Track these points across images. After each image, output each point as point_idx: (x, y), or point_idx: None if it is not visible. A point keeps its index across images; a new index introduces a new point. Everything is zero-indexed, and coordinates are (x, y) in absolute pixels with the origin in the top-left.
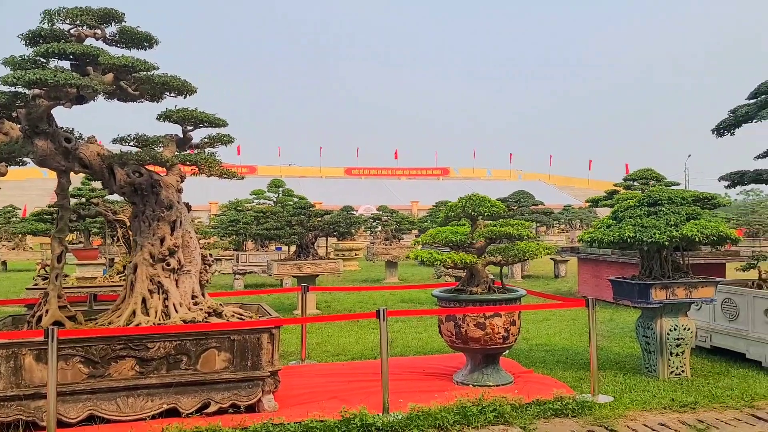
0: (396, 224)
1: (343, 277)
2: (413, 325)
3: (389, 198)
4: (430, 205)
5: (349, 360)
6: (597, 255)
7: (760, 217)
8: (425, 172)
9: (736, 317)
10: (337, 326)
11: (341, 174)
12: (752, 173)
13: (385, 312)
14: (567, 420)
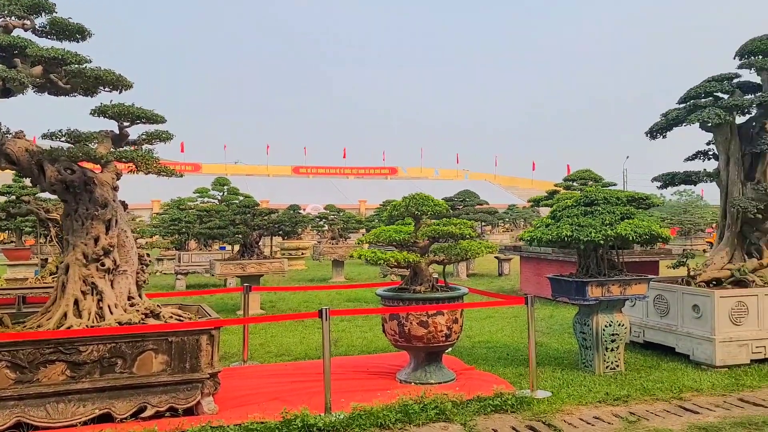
0: (343, 223)
1: (288, 277)
2: (359, 325)
3: (337, 197)
4: (378, 204)
5: (293, 360)
6: (538, 253)
7: (692, 216)
8: (373, 171)
9: (667, 313)
10: (281, 326)
11: (289, 173)
12: (682, 174)
13: (327, 312)
14: (506, 415)
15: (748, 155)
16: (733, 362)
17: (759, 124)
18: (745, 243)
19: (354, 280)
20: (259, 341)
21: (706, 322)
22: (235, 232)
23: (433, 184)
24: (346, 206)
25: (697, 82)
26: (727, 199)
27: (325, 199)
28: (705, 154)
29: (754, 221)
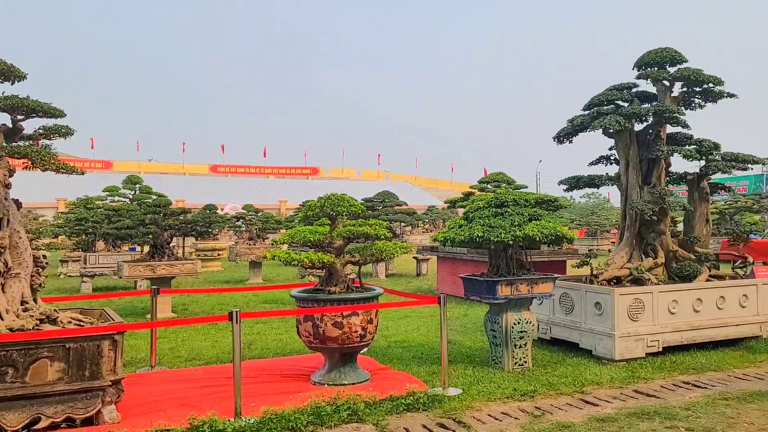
0: (261, 223)
1: (203, 279)
2: (275, 327)
3: (257, 197)
4: (298, 205)
5: (204, 365)
6: (454, 254)
7: (598, 218)
8: (294, 171)
9: (572, 310)
10: (193, 330)
11: (206, 171)
12: (586, 178)
13: (237, 314)
14: (418, 414)
15: (645, 160)
16: (630, 356)
17: (655, 132)
18: (643, 243)
19: (272, 281)
20: (169, 346)
21: (606, 319)
22: (144, 232)
23: (354, 185)
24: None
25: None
26: (627, 201)
27: (244, 198)
28: (607, 159)
29: (651, 223)
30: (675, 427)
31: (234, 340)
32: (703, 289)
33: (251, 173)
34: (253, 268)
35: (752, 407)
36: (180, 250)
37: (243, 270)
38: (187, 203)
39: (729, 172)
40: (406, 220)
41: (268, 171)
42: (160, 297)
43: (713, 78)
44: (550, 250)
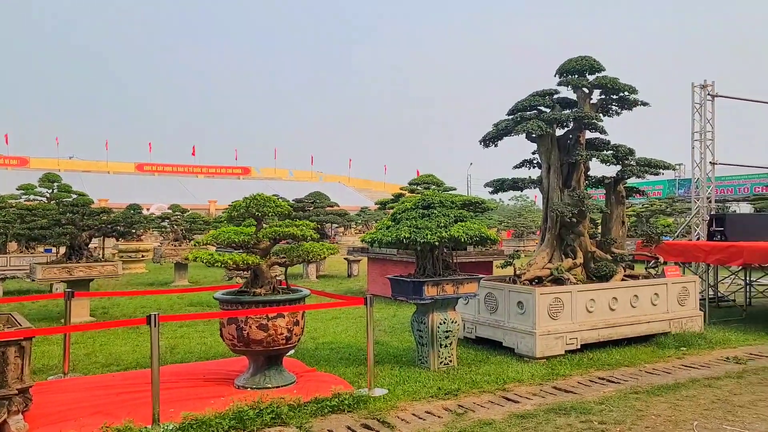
0: (188, 224)
1: (125, 281)
2: (199, 330)
3: (185, 197)
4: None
5: (122, 371)
6: (384, 255)
7: (525, 220)
8: (225, 170)
9: (496, 310)
10: (112, 334)
11: (132, 170)
12: (510, 181)
13: (157, 317)
14: (343, 415)
15: (565, 164)
16: (550, 353)
17: (574, 137)
18: (563, 244)
19: (199, 283)
20: (86, 351)
21: (528, 318)
22: (60, 233)
23: (287, 185)
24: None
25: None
26: (548, 204)
27: (171, 198)
28: (530, 163)
29: (570, 225)
30: (589, 421)
31: (152, 344)
32: (619, 289)
33: (180, 172)
34: (178, 270)
35: (660, 400)
36: (100, 251)
37: (168, 272)
38: (111, 203)
39: (643, 176)
40: (338, 221)
41: (197, 170)
42: (76, 300)
43: (628, 87)
44: (477, 251)
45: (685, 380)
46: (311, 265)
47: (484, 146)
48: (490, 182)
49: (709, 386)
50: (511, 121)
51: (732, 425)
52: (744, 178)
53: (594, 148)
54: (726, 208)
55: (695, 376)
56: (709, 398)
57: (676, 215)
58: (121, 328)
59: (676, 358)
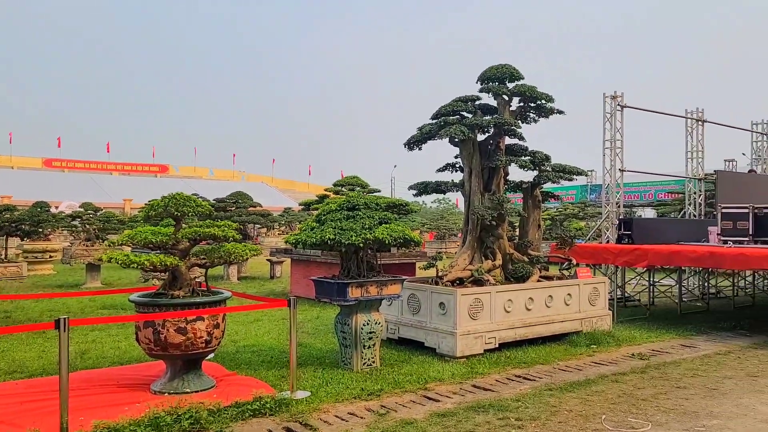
0: (102, 223)
1: (31, 283)
2: (112, 334)
3: (99, 195)
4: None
5: (27, 378)
6: (308, 256)
7: (447, 222)
8: (141, 168)
9: (419, 310)
10: (16, 339)
11: (39, 165)
12: (434, 184)
13: (66, 321)
14: (265, 419)
15: (486, 169)
16: (470, 353)
17: (495, 142)
18: (483, 246)
19: (113, 285)
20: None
21: (449, 318)
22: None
23: (207, 185)
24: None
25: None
26: (470, 207)
27: (83, 196)
28: (453, 166)
29: (490, 227)
30: (506, 418)
31: (61, 349)
32: (535, 289)
33: (92, 169)
34: (90, 271)
35: (572, 396)
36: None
37: (79, 273)
38: (15, 200)
39: (558, 181)
40: (261, 222)
41: (111, 167)
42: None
43: (545, 95)
44: (400, 253)
45: (595, 376)
46: (232, 267)
47: (408, 149)
48: (414, 185)
49: (616, 381)
50: (435, 125)
51: (636, 417)
52: (649, 185)
53: (513, 153)
54: (632, 212)
55: (604, 372)
56: (616, 393)
57: (587, 219)
58: (26, 333)
59: (587, 355)
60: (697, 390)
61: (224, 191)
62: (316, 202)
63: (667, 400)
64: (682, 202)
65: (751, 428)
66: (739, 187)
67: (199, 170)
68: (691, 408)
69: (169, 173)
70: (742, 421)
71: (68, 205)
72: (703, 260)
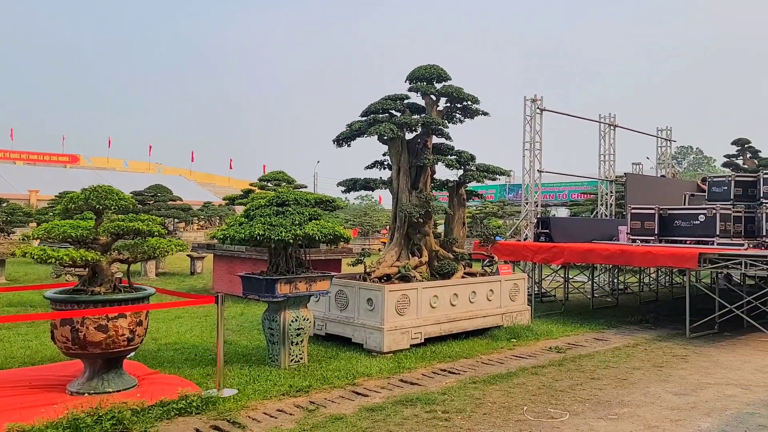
0: (6, 215)
1: None
2: (21, 332)
3: (1, 185)
4: (53, 196)
5: None
6: (232, 252)
7: (371, 219)
8: (49, 158)
9: (346, 307)
10: None
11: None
12: (363, 180)
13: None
14: (191, 418)
15: (414, 167)
16: (397, 348)
17: (423, 141)
18: (410, 243)
19: (19, 281)
20: None
21: (377, 314)
22: None
23: (122, 177)
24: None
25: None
26: (398, 204)
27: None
28: (381, 164)
29: (418, 225)
30: (433, 411)
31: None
32: (459, 285)
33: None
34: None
35: (495, 388)
36: None
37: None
38: None
39: (482, 181)
40: (181, 216)
41: (15, 156)
42: None
43: (471, 97)
44: (327, 249)
45: (516, 369)
46: (150, 262)
47: (337, 146)
48: (342, 182)
49: (536, 374)
50: (364, 122)
51: (555, 408)
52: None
53: (440, 152)
54: (548, 212)
55: (524, 365)
56: (536, 384)
57: (506, 217)
58: None
59: (508, 349)
60: (609, 381)
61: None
62: (241, 197)
63: (583, 390)
64: (595, 203)
65: (659, 415)
66: (646, 189)
67: (113, 161)
68: (604, 397)
69: (80, 164)
70: (650, 408)
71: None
72: (615, 257)
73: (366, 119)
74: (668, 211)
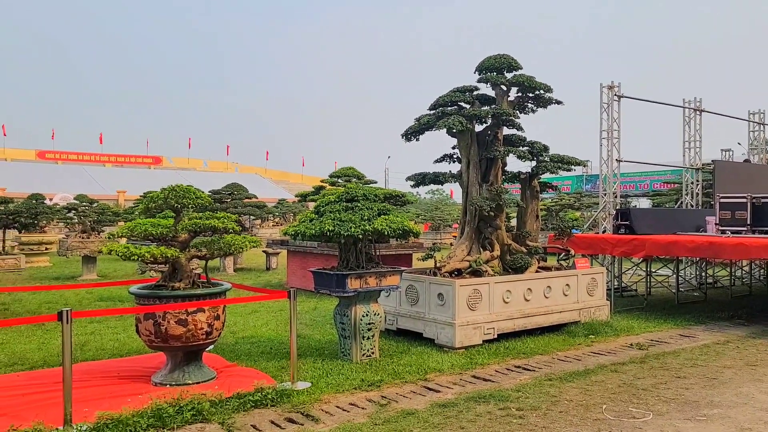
0: (97, 215)
1: (28, 275)
2: (111, 326)
3: (92, 186)
4: (138, 195)
5: (28, 370)
6: (305, 248)
7: (442, 213)
8: (135, 159)
9: (417, 301)
10: (15, 332)
11: (33, 157)
12: (431, 175)
13: (69, 313)
14: (266, 410)
15: (484, 160)
16: (469, 343)
17: (493, 133)
18: (481, 237)
19: (108, 277)
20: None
21: (448, 309)
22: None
23: (201, 176)
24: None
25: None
26: (467, 198)
27: (77, 188)
28: (450, 157)
29: (488, 218)
30: (507, 408)
31: (64, 341)
32: (533, 280)
33: (86, 161)
34: (86, 263)
35: (572, 386)
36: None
37: (75, 265)
38: (8, 192)
39: (556, 172)
40: (256, 213)
41: (105, 159)
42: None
43: (544, 85)
44: (397, 244)
45: (594, 366)
46: (228, 258)
47: (405, 140)
48: (411, 176)
49: (615, 371)
50: (432, 116)
51: (637, 407)
52: (644, 175)
53: (511, 144)
54: (628, 203)
55: (603, 362)
56: (616, 383)
57: (583, 209)
58: (25, 326)
59: (586, 345)
60: (697, 380)
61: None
62: (313, 193)
63: (668, 389)
64: (678, 192)
65: (752, 416)
66: (736, 177)
67: (193, 162)
68: (691, 397)
69: (162, 165)
70: (743, 409)
71: (62, 197)
72: (701, 250)
73: (434, 112)
74: (762, 199)
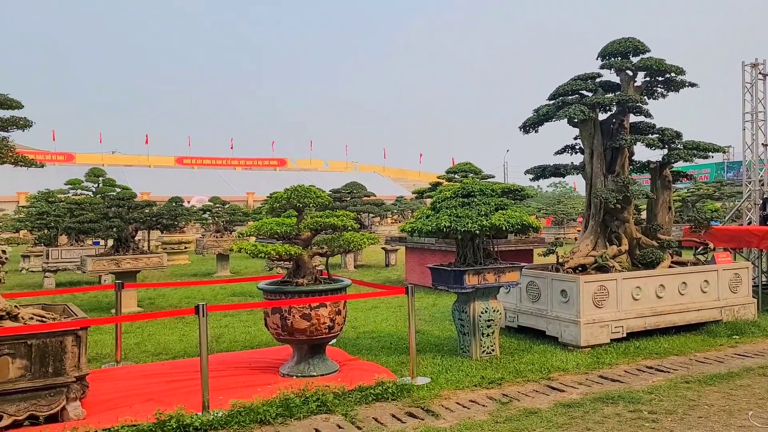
0: (228, 216)
1: (170, 272)
2: (242, 320)
3: (224, 189)
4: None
5: (171, 359)
6: (422, 244)
7: (565, 207)
8: (261, 162)
9: (538, 298)
10: (160, 324)
11: (172, 163)
12: (552, 167)
13: (204, 307)
14: (387, 403)
15: (609, 150)
16: (595, 342)
17: (618, 121)
18: (607, 231)
19: (240, 273)
20: (136, 340)
21: (572, 306)
22: (108, 226)
23: (322, 176)
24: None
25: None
26: (591, 190)
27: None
28: (572, 148)
29: (615, 211)
30: (638, 411)
31: (201, 333)
32: (666, 276)
33: (218, 165)
34: (220, 260)
35: (712, 389)
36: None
37: (210, 263)
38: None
39: (691, 160)
40: (375, 211)
41: (234, 163)
42: (125, 291)
43: (675, 68)
44: (517, 239)
45: (739, 369)
46: (349, 255)
47: (524, 132)
48: (531, 169)
49: (764, 375)
50: (552, 106)
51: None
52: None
53: (638, 132)
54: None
55: (749, 365)
56: (764, 388)
57: (724, 199)
58: (168, 318)
59: (729, 346)
60: None
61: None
62: (429, 190)
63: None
64: None
65: None
66: None
67: (315, 162)
68: None
69: (287, 166)
70: None
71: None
72: None
73: (554, 102)
74: None
